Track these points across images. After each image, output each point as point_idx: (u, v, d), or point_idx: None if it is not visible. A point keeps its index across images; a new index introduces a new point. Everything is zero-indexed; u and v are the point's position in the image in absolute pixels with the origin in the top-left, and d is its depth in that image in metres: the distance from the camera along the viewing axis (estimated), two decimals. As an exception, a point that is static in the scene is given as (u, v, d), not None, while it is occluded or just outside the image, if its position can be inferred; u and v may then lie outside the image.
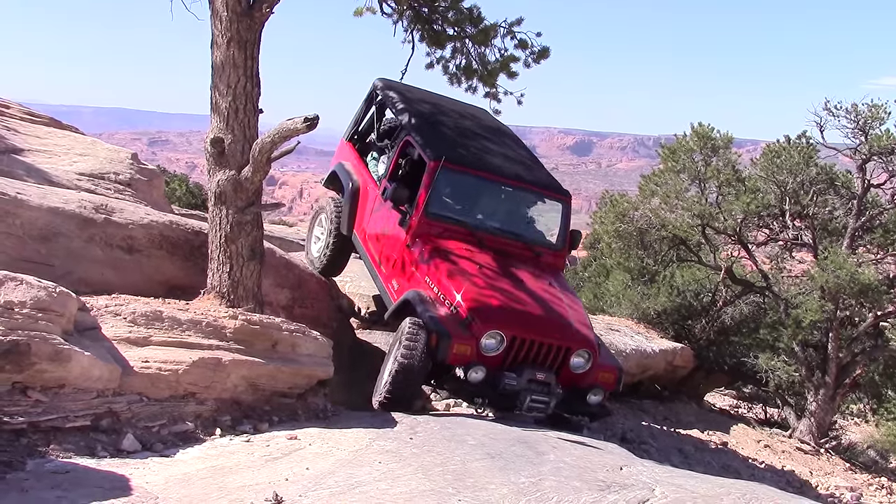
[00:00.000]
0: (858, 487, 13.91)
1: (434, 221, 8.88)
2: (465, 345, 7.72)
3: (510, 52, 9.50)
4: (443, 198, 9.17)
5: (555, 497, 4.90)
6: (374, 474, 5.08)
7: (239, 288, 7.25)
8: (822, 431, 17.12)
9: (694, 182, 17.52)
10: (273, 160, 7.08)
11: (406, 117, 9.61)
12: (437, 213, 8.96)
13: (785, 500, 5.61)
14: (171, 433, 5.77)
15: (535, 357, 8.02)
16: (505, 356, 7.93)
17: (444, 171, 8.87)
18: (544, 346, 8.06)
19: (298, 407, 6.83)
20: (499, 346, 7.86)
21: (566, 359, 8.17)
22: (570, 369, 8.22)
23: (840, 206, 17.34)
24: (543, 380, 7.98)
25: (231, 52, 7.18)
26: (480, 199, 9.70)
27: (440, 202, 9.10)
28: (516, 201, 9.92)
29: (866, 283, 15.06)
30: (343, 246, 10.27)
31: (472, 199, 9.57)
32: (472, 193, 9.55)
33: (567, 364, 8.19)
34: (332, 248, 10.26)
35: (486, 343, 7.82)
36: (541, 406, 7.98)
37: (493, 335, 7.84)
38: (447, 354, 7.61)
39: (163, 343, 6.10)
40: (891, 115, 16.14)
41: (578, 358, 8.26)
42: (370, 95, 10.78)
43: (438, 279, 8.34)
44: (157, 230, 7.60)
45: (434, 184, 8.85)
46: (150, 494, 4.57)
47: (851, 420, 22.78)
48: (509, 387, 7.81)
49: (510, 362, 7.94)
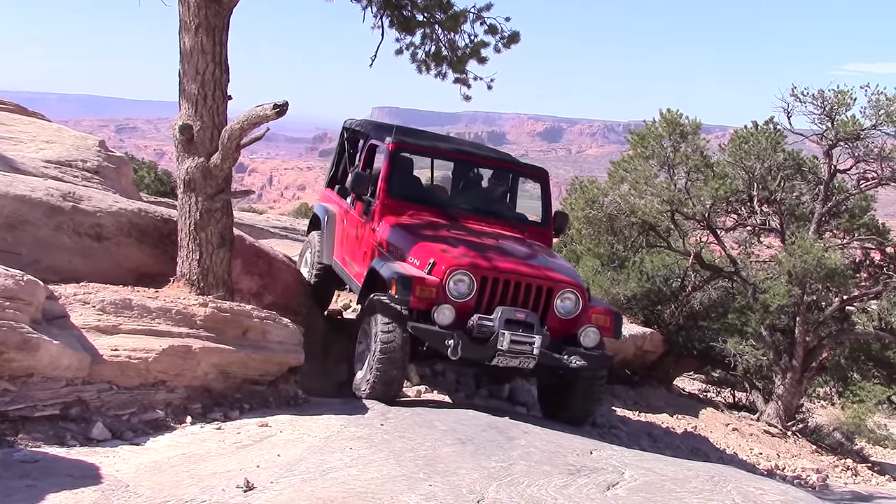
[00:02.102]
0: (824, 469, 14.09)
1: (398, 201, 8.60)
2: (427, 287, 7.14)
3: (480, 38, 9.46)
4: (406, 180, 9.07)
5: (525, 481, 4.94)
6: (345, 460, 5.10)
7: (209, 275, 7.22)
8: (790, 414, 17.31)
9: (663, 168, 17.61)
10: (242, 147, 7.04)
11: (370, 127, 9.80)
12: (400, 193, 8.71)
13: (752, 481, 5.69)
14: (141, 421, 5.76)
15: (513, 300, 7.34)
16: (478, 301, 7.28)
17: (402, 150, 8.84)
18: (522, 286, 7.39)
19: (269, 394, 6.82)
20: (469, 290, 7.24)
21: (550, 302, 7.49)
22: (556, 315, 7.52)
23: (807, 192, 17.51)
24: (524, 319, 7.22)
25: (199, 39, 7.13)
26: (452, 175, 9.72)
27: (403, 184, 8.91)
28: (490, 183, 9.74)
29: (833, 268, 15.23)
30: (326, 277, 9.87)
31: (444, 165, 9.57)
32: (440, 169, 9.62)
33: (552, 309, 7.51)
34: (316, 279, 9.90)
35: (453, 285, 7.23)
36: (524, 347, 7.12)
37: (460, 275, 7.24)
38: (408, 298, 7.05)
39: (132, 331, 6.07)
40: (857, 101, 16.29)
41: (565, 301, 7.56)
42: (341, 136, 10.78)
43: (403, 244, 7.91)
44: (125, 218, 7.54)
45: (393, 165, 8.69)
46: (120, 483, 4.56)
47: (818, 403, 23.09)
48: (485, 327, 7.10)
49: (485, 309, 7.29)
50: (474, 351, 7.11)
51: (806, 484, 11.51)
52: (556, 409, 8.25)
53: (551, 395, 8.37)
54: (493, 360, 7.18)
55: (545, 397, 8.62)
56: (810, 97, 16.64)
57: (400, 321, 7.23)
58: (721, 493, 5.21)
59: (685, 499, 5.01)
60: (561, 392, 8.16)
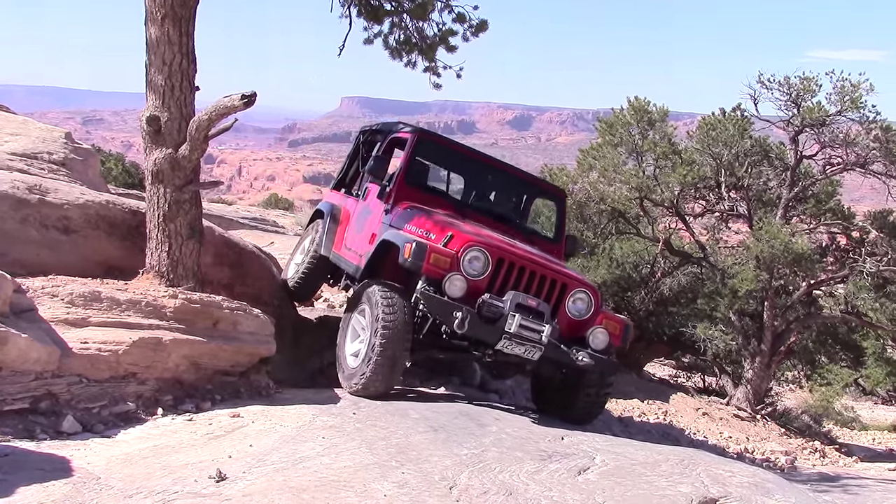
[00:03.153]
0: (793, 452, 14.27)
1: (414, 190, 8.38)
2: (442, 257, 6.88)
3: (448, 26, 9.49)
4: (424, 172, 8.94)
5: (497, 467, 4.97)
6: (318, 449, 5.11)
7: (178, 267, 7.20)
8: (759, 398, 17.52)
9: (631, 155, 17.76)
10: (211, 138, 7.02)
11: (393, 124, 9.49)
12: (417, 181, 8.56)
13: (721, 464, 5.76)
14: (112, 414, 5.73)
15: (525, 289, 7.11)
16: (490, 283, 7.04)
17: (424, 142, 8.67)
18: (536, 276, 7.19)
19: (241, 385, 6.81)
20: (483, 269, 6.99)
21: (562, 300, 7.31)
22: (567, 314, 7.32)
23: (774, 178, 17.71)
24: (535, 307, 7.00)
25: (166, 29, 7.09)
26: (466, 180, 9.58)
27: (421, 174, 8.80)
28: (507, 190, 9.56)
29: (799, 253, 15.42)
30: (319, 269, 9.49)
31: (459, 178, 9.48)
32: (459, 171, 9.46)
33: (563, 307, 7.31)
34: (308, 267, 9.49)
35: (468, 261, 6.97)
36: (532, 334, 6.85)
37: (476, 251, 7.00)
38: (421, 263, 6.79)
39: (102, 324, 6.03)
40: (822, 88, 16.48)
41: (578, 302, 7.38)
42: (356, 140, 10.51)
43: (418, 221, 7.65)
44: (93, 210, 7.49)
45: (415, 153, 8.55)
46: (91, 475, 4.54)
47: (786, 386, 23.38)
48: (494, 307, 6.83)
49: (496, 292, 7.02)
50: (481, 329, 6.82)
51: (775, 466, 11.65)
52: (559, 405, 7.92)
53: (552, 388, 8.04)
54: (499, 344, 6.84)
55: (544, 391, 8.26)
56: (777, 84, 16.83)
57: (403, 294, 6.99)
58: (691, 475, 5.27)
59: (655, 482, 5.06)
60: (562, 392, 7.87)
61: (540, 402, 8.30)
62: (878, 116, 16.23)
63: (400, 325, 6.80)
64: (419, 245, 6.84)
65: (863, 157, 16.77)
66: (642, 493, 4.78)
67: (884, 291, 17.05)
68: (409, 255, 6.82)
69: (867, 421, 27.20)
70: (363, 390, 6.87)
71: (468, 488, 4.51)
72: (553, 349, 6.95)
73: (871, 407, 30.97)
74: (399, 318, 6.81)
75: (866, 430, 24.63)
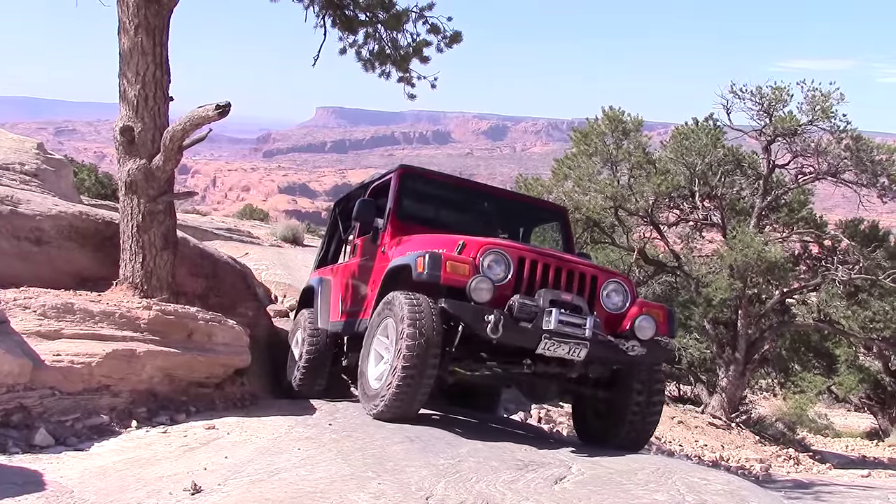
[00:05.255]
0: (767, 459, 14.36)
1: (408, 224, 7.73)
2: (459, 263, 6.22)
3: (422, 37, 9.52)
4: (416, 204, 8.39)
5: (473, 477, 4.96)
6: (294, 461, 5.08)
7: (152, 278, 7.17)
8: (733, 406, 17.62)
9: (606, 165, 17.86)
10: (185, 148, 7.02)
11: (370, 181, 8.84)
12: (410, 214, 7.97)
13: (696, 472, 5.77)
14: (85, 427, 5.69)
15: (554, 286, 6.45)
16: (515, 286, 6.37)
17: (409, 177, 8.10)
18: (563, 272, 6.52)
19: (216, 396, 6.78)
20: (506, 271, 6.34)
21: (595, 293, 6.59)
22: (603, 309, 6.58)
23: (747, 187, 17.86)
24: (571, 301, 6.35)
25: (139, 39, 7.08)
26: (462, 211, 8.85)
27: (413, 207, 8.23)
28: (506, 214, 8.92)
29: (773, 261, 15.55)
30: (322, 349, 8.45)
31: (452, 211, 8.81)
32: (450, 204, 8.83)
33: (598, 301, 6.59)
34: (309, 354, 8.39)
35: (488, 265, 6.31)
36: (574, 329, 6.14)
37: (496, 254, 6.36)
38: (439, 273, 6.11)
39: (75, 336, 6.00)
40: (793, 97, 16.66)
41: (612, 294, 6.68)
42: (332, 212, 10.04)
43: (422, 244, 6.90)
44: (66, 221, 7.45)
45: (402, 188, 7.93)
46: (65, 489, 4.50)
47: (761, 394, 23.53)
48: (527, 307, 6.16)
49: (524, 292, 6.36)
50: (516, 333, 6.08)
51: (750, 474, 11.71)
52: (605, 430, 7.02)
53: (596, 413, 7.21)
54: (539, 347, 6.11)
55: (587, 417, 7.38)
56: (749, 94, 17.01)
57: (430, 294, 6.29)
58: (667, 483, 5.28)
59: (632, 490, 5.06)
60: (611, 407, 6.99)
61: (582, 428, 7.46)
62: (848, 126, 16.44)
63: (428, 332, 6.05)
64: (433, 255, 6.20)
65: (834, 167, 16.96)
66: (619, 501, 4.79)
67: (855, 299, 17.23)
68: (423, 269, 6.16)
69: (840, 428, 27.43)
70: (387, 412, 6.20)
71: (445, 499, 4.49)
72: (599, 344, 6.23)
73: (844, 414, 31.23)
74: (427, 324, 6.07)
75: (839, 438, 24.85)
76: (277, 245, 22.52)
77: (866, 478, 13.49)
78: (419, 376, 6.05)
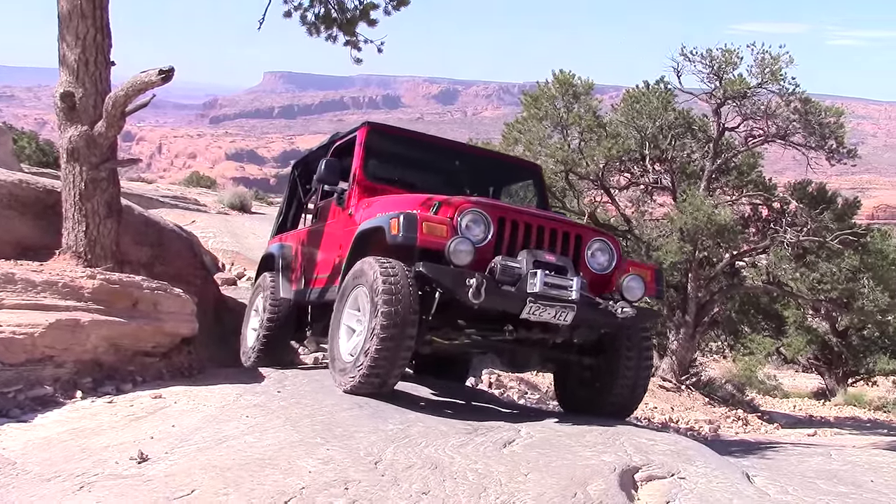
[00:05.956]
0: (716, 420, 14.60)
1: (375, 183, 7.47)
2: (436, 224, 5.95)
3: (369, 0, 9.40)
4: (383, 163, 8.12)
5: (423, 442, 4.98)
6: (242, 428, 5.06)
7: (96, 247, 7.05)
8: (683, 369, 17.85)
9: (556, 129, 17.87)
10: (128, 114, 6.89)
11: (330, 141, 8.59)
12: (377, 175, 7.69)
13: (643, 434, 5.84)
14: (28, 398, 5.60)
15: (537, 246, 6.21)
16: (496, 248, 6.12)
17: (375, 134, 7.77)
18: (546, 231, 6.28)
19: (163, 366, 6.70)
20: (485, 232, 6.08)
21: (579, 253, 6.36)
22: (588, 269, 6.36)
23: (697, 150, 17.98)
24: (555, 262, 6.08)
25: (79, 2, 6.91)
26: (431, 170, 8.60)
27: (380, 166, 7.96)
28: (477, 172, 8.72)
29: (722, 224, 15.70)
30: (283, 320, 8.27)
31: (421, 170, 8.49)
32: (419, 163, 8.52)
33: (583, 261, 6.37)
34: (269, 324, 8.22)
35: (466, 225, 6.05)
36: (560, 291, 5.89)
37: (474, 213, 6.10)
38: (414, 235, 5.83)
39: (16, 306, 5.89)
40: (743, 60, 16.77)
41: (597, 253, 6.45)
42: (291, 175, 9.68)
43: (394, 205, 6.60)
44: (5, 189, 7.31)
45: (367, 147, 7.61)
46: (7, 460, 4.44)
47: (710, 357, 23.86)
48: (510, 269, 5.92)
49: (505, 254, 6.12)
50: (499, 297, 5.83)
51: (698, 435, 11.89)
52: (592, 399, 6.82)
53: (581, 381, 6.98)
54: (524, 311, 5.88)
55: (571, 385, 7.16)
56: (699, 56, 17.09)
57: (403, 259, 6.02)
58: (615, 445, 5.34)
59: (580, 452, 5.11)
60: (597, 374, 6.79)
61: (566, 398, 7.27)
62: (797, 89, 16.60)
63: (405, 301, 5.78)
64: (408, 216, 5.91)
65: (783, 129, 17.13)
66: (567, 462, 4.83)
67: (804, 261, 17.49)
68: (397, 231, 5.88)
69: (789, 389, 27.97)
70: (361, 387, 5.98)
71: (394, 463, 4.50)
72: (586, 307, 6.02)
73: (792, 375, 31.82)
74: (404, 292, 5.79)
75: (788, 398, 25.34)
76: (225, 213, 22.37)
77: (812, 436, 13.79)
78: (396, 349, 5.81)
